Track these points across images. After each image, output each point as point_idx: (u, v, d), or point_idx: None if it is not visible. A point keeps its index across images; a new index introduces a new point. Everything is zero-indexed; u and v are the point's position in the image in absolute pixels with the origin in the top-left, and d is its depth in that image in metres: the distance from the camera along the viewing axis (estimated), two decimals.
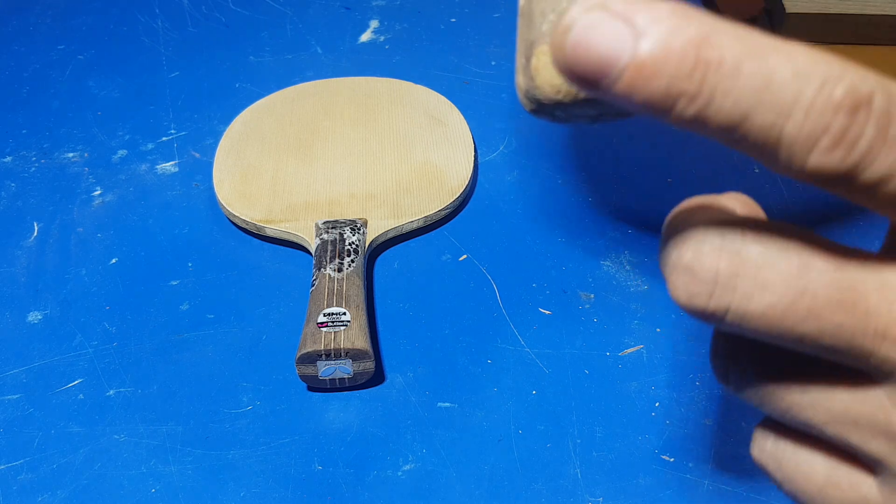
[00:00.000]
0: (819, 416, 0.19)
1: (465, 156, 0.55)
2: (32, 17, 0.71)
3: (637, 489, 0.40)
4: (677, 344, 0.46)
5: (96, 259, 0.51)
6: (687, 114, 0.16)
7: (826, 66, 0.16)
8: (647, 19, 0.16)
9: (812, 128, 0.15)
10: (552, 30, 0.21)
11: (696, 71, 0.15)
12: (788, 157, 0.16)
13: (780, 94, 0.15)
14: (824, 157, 0.16)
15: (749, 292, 0.17)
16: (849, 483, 0.20)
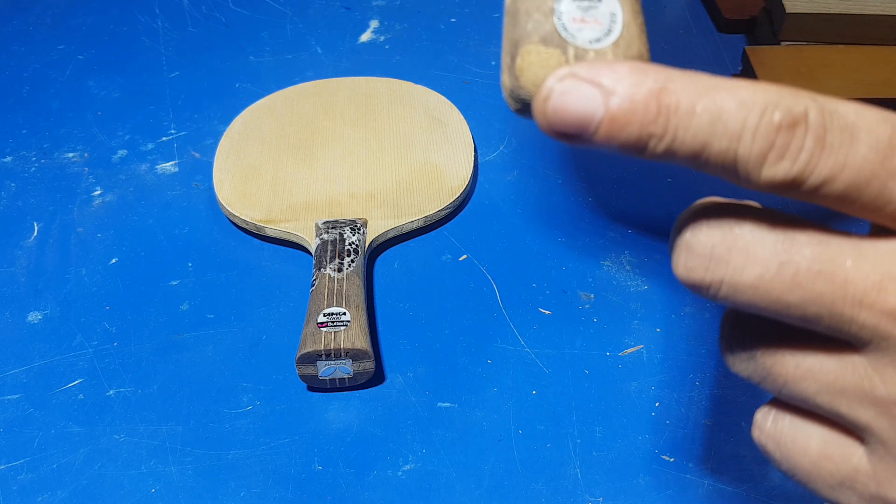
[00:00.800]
0: (811, 387, 0.21)
1: (465, 156, 0.55)
2: (32, 17, 0.71)
3: (637, 489, 0.40)
4: (677, 344, 0.46)
5: (96, 259, 0.51)
6: (658, 150, 0.19)
7: (764, 94, 0.19)
8: (612, 79, 0.19)
9: (759, 147, 0.19)
10: (537, 28, 0.21)
11: (660, 116, 0.19)
12: (745, 173, 0.19)
13: (729, 124, 0.19)
14: (773, 170, 0.19)
15: (740, 265, 0.19)
16: (841, 455, 0.22)
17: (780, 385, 0.21)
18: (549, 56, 0.21)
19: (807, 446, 0.22)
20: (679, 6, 0.71)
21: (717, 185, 0.54)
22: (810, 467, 0.22)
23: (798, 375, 0.21)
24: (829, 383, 0.21)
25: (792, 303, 0.19)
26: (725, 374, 0.44)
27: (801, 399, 0.21)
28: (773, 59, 0.60)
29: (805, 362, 0.21)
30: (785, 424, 0.22)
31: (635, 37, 0.22)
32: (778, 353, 0.21)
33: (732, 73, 0.64)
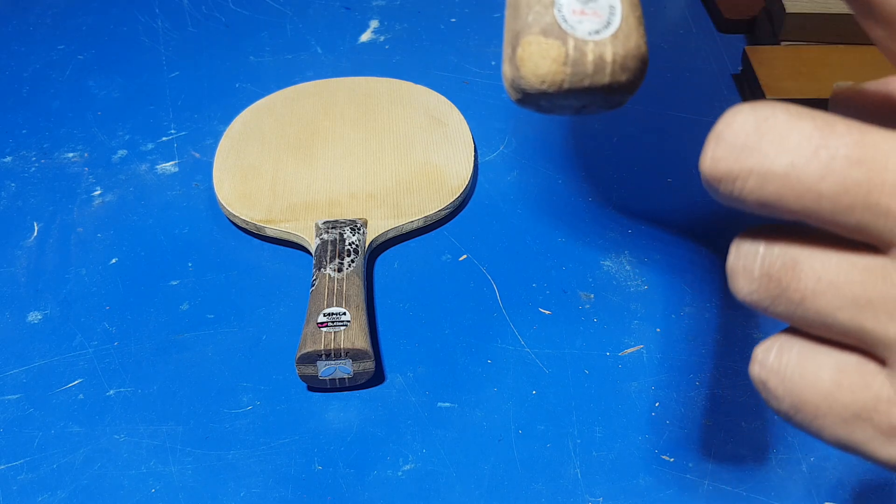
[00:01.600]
0: (833, 302, 0.19)
1: (465, 156, 0.55)
2: (32, 17, 0.71)
3: (637, 489, 0.40)
4: (677, 344, 0.46)
5: (96, 259, 0.51)
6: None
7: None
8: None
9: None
10: (537, 20, 0.22)
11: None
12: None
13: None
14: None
15: (773, 152, 0.18)
16: (859, 382, 0.19)
17: (796, 303, 0.19)
18: (550, 47, 0.22)
19: (818, 377, 0.20)
20: (679, 6, 0.71)
21: None
22: (820, 400, 0.20)
23: (819, 289, 0.19)
24: (854, 295, 0.19)
25: (824, 193, 0.18)
26: (725, 374, 0.44)
27: (820, 318, 0.19)
28: (773, 59, 0.60)
29: (828, 273, 0.19)
30: (792, 355, 0.20)
31: (633, 29, 0.22)
32: (798, 264, 0.19)
33: (732, 73, 0.64)
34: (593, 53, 0.22)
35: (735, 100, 0.61)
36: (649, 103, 0.61)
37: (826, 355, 0.20)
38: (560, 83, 0.22)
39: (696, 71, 0.64)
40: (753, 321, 0.47)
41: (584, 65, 0.22)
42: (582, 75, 0.22)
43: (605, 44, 0.22)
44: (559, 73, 0.22)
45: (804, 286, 0.19)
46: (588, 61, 0.22)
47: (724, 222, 0.53)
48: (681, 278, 0.49)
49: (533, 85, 0.22)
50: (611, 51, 0.22)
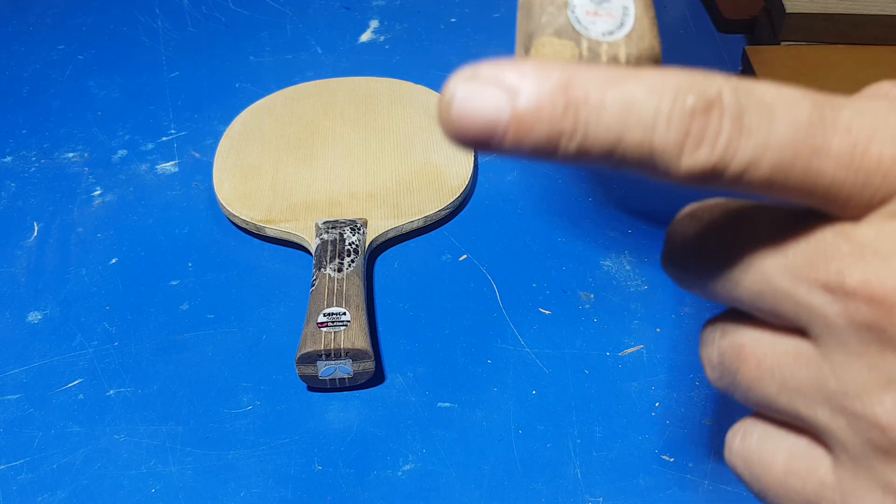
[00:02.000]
0: (771, 387, 0.20)
1: (465, 156, 0.55)
2: (32, 17, 0.71)
3: (637, 489, 0.40)
4: (677, 344, 0.46)
5: (96, 259, 0.51)
6: (570, 149, 0.18)
7: (674, 79, 0.17)
8: (516, 77, 0.17)
9: (675, 134, 0.17)
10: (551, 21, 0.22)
11: (568, 111, 0.17)
12: (665, 165, 0.18)
13: (641, 112, 0.17)
14: (693, 158, 0.17)
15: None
16: (806, 468, 0.20)
17: (745, 388, 0.21)
18: (563, 48, 0.22)
19: (773, 462, 0.21)
20: (679, 6, 0.71)
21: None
22: (777, 485, 0.21)
23: (759, 375, 0.20)
24: (785, 381, 0.20)
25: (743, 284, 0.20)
26: None
27: (766, 402, 0.20)
28: (773, 59, 0.60)
29: (765, 359, 0.20)
30: (753, 440, 0.21)
31: (647, 29, 0.23)
32: (742, 349, 0.21)
33: (732, 73, 0.64)
34: (607, 54, 0.22)
35: None
36: None
37: (782, 440, 0.21)
38: None
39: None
40: None
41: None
42: None
43: (618, 45, 0.22)
44: None
45: (749, 372, 0.20)
46: (602, 62, 0.22)
47: None
48: None
49: None
50: (624, 51, 0.22)
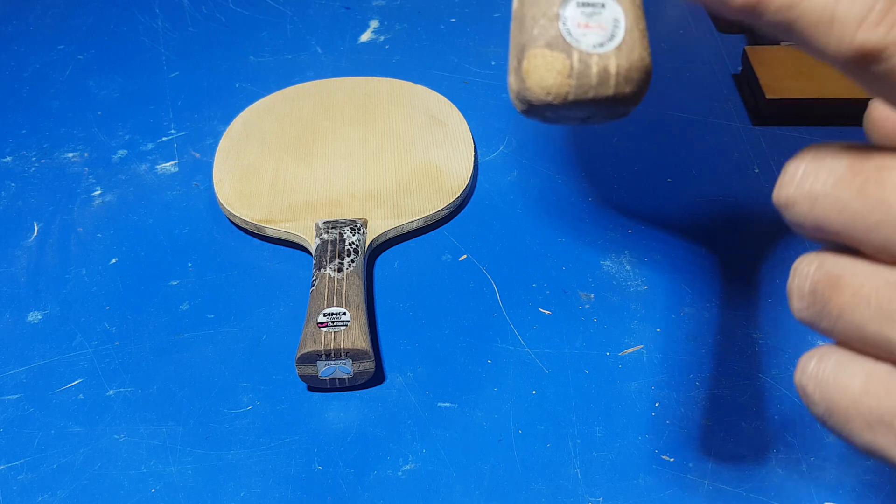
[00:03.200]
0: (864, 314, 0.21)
1: (465, 156, 0.55)
2: (32, 17, 0.71)
3: (637, 489, 0.40)
4: (677, 344, 0.46)
5: (96, 259, 0.51)
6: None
7: None
8: None
9: (860, 7, 0.19)
10: (542, 33, 0.22)
11: None
12: (839, 35, 0.19)
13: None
14: (868, 33, 0.19)
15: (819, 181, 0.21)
16: (884, 389, 0.21)
17: (834, 317, 0.21)
18: (555, 60, 0.22)
19: (849, 383, 0.21)
20: (679, 6, 0.71)
21: (717, 186, 0.55)
22: (849, 404, 0.21)
23: (853, 303, 0.21)
24: (881, 308, 0.20)
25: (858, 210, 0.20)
26: (725, 374, 0.44)
27: (854, 330, 0.21)
28: (773, 59, 0.60)
29: (862, 288, 0.21)
30: (830, 363, 0.22)
31: (637, 41, 0.23)
32: (838, 280, 0.21)
33: (732, 73, 0.64)
34: (598, 66, 0.22)
35: (735, 100, 0.61)
36: (649, 103, 0.61)
37: (860, 365, 0.22)
38: (565, 95, 0.22)
39: (696, 71, 0.64)
40: (753, 321, 0.47)
41: (588, 77, 0.22)
42: (586, 87, 0.22)
43: (609, 56, 0.22)
44: (564, 86, 0.22)
45: (841, 300, 0.21)
46: (592, 73, 0.22)
47: (724, 222, 0.53)
48: (681, 278, 0.49)
49: (538, 97, 0.22)
50: (615, 63, 0.22)
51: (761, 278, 0.49)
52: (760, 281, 0.49)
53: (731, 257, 0.50)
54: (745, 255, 0.50)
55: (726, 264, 0.50)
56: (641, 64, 0.22)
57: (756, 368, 0.44)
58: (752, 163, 0.56)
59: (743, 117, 0.60)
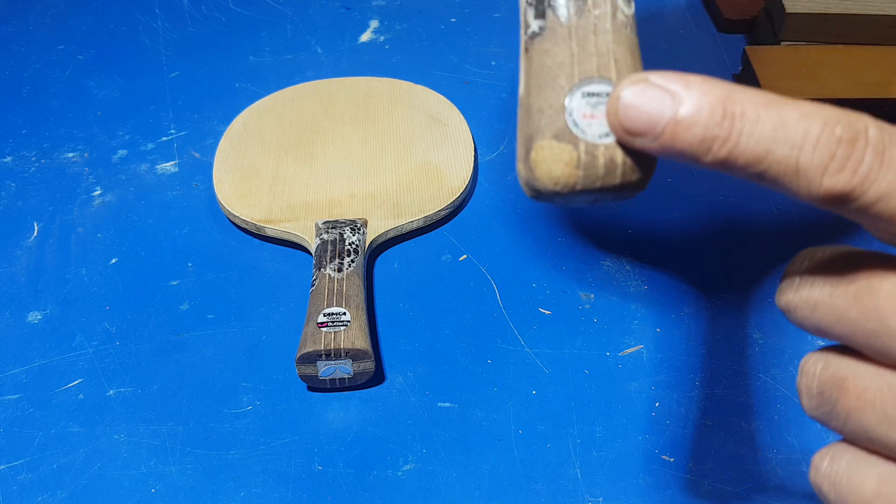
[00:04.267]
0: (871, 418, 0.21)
1: (465, 156, 0.55)
2: (32, 17, 0.71)
3: (637, 489, 0.40)
4: (677, 344, 0.46)
5: (96, 259, 0.51)
6: (720, 154, 0.20)
7: (825, 110, 0.20)
8: (682, 86, 0.21)
9: (821, 156, 0.20)
10: (549, 125, 0.23)
11: (725, 119, 0.20)
12: (807, 182, 0.20)
13: (792, 132, 0.20)
14: (833, 180, 0.20)
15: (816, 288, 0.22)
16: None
17: (843, 418, 0.22)
18: (562, 151, 0.22)
19: (862, 484, 0.22)
20: (679, 6, 0.71)
21: (717, 187, 0.54)
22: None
23: (859, 406, 0.22)
24: (886, 412, 0.21)
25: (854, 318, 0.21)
26: (725, 374, 0.44)
27: (862, 432, 0.22)
28: (773, 59, 0.60)
29: (867, 392, 0.21)
30: (842, 464, 0.23)
31: None
32: (844, 382, 0.22)
33: (732, 73, 0.64)
34: (604, 157, 0.22)
35: None
36: None
37: (872, 466, 0.22)
38: (573, 185, 0.23)
39: (696, 71, 0.64)
40: (753, 321, 0.47)
41: (595, 168, 0.22)
42: (594, 178, 0.23)
43: (614, 147, 0.22)
44: (572, 176, 0.23)
45: (848, 403, 0.22)
46: (599, 164, 0.22)
47: (724, 222, 0.53)
48: (681, 278, 0.49)
49: (547, 186, 0.23)
50: (621, 154, 0.22)
51: (761, 278, 0.49)
52: (760, 281, 0.49)
53: (731, 257, 0.50)
54: (746, 256, 0.50)
55: (726, 264, 0.50)
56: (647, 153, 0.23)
57: (756, 368, 0.44)
58: None
59: None
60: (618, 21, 0.24)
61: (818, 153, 0.19)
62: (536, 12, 0.24)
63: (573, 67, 0.23)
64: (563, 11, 0.24)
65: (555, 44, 0.24)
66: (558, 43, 0.23)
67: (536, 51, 0.24)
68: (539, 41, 0.24)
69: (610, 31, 0.24)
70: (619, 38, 0.24)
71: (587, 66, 0.23)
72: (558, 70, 0.23)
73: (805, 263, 0.22)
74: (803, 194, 0.20)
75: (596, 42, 0.23)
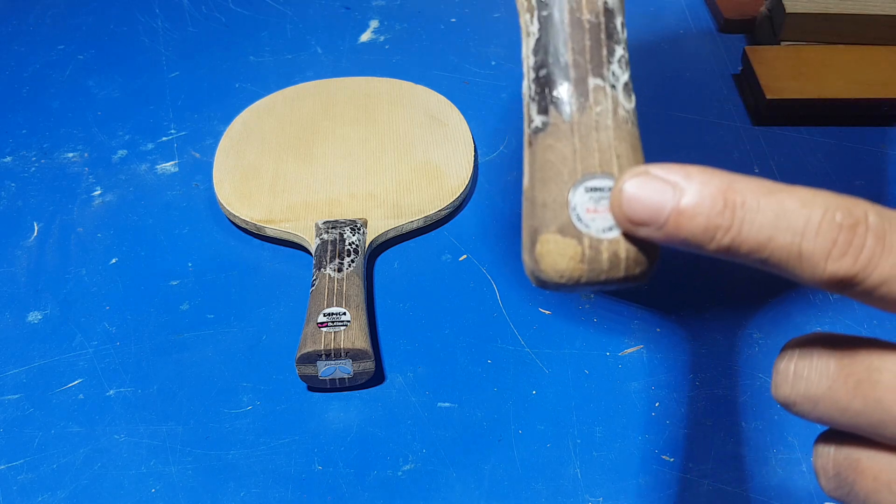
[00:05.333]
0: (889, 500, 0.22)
1: (465, 156, 0.55)
2: (32, 17, 0.71)
3: (637, 489, 0.40)
4: (677, 344, 0.46)
5: (96, 259, 0.51)
6: (724, 242, 0.21)
7: (824, 197, 0.20)
8: (682, 177, 0.21)
9: (823, 242, 0.20)
10: (553, 219, 0.23)
11: (726, 209, 0.20)
12: (810, 268, 0.20)
13: (793, 220, 0.20)
14: (836, 265, 0.20)
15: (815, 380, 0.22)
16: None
17: (862, 499, 0.22)
18: (567, 245, 0.23)
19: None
20: (679, 6, 0.71)
21: None
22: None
23: (876, 488, 0.22)
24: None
25: (858, 410, 0.21)
26: (725, 374, 0.44)
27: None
28: (773, 59, 0.60)
29: (882, 474, 0.22)
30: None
31: None
32: (859, 464, 0.22)
33: (732, 73, 0.64)
34: (608, 251, 0.23)
35: (735, 100, 0.61)
36: (649, 103, 0.61)
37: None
38: (578, 279, 0.23)
39: (696, 71, 0.64)
40: (753, 321, 0.47)
41: (599, 262, 0.23)
42: (598, 271, 0.23)
43: (618, 241, 0.23)
44: (577, 270, 0.23)
45: (865, 485, 0.22)
46: (603, 259, 0.23)
47: None
48: (681, 279, 0.49)
49: (552, 279, 0.23)
50: (624, 248, 0.23)
51: (761, 278, 0.49)
52: (760, 281, 0.49)
53: None
54: None
55: (726, 264, 0.50)
56: (650, 245, 0.23)
57: (756, 368, 0.44)
58: (752, 163, 0.56)
59: (743, 117, 0.60)
60: (619, 117, 0.24)
61: (820, 240, 0.20)
62: (539, 107, 0.25)
63: (576, 163, 0.24)
64: (565, 108, 0.24)
65: (557, 139, 0.24)
66: (561, 139, 0.24)
67: (540, 146, 0.24)
68: (542, 136, 0.24)
69: (611, 126, 0.24)
70: (621, 134, 0.24)
71: (590, 162, 0.24)
72: (561, 165, 0.24)
73: (796, 356, 0.22)
74: (808, 279, 0.20)
75: (598, 138, 0.24)
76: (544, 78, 0.25)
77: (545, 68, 0.25)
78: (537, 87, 0.25)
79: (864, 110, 0.58)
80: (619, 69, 0.25)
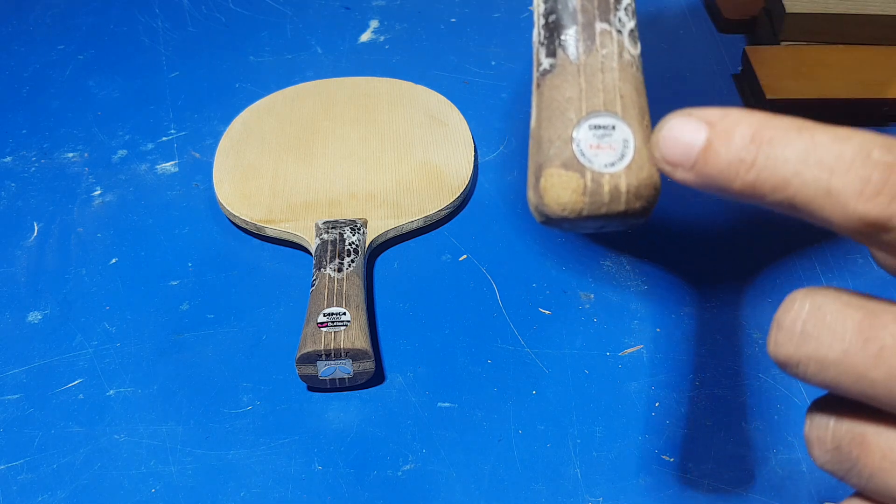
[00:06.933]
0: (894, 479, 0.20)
1: (465, 156, 0.55)
2: (32, 17, 0.71)
3: (637, 489, 0.40)
4: (677, 344, 0.46)
5: (96, 259, 0.51)
6: (748, 178, 0.20)
7: (861, 133, 0.19)
8: (717, 115, 0.21)
9: (855, 179, 0.18)
10: (558, 154, 0.24)
11: (752, 144, 0.20)
12: (840, 207, 0.19)
13: (824, 154, 0.19)
14: (868, 204, 0.18)
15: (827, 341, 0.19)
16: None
17: (866, 477, 0.20)
18: (570, 179, 0.24)
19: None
20: (679, 6, 0.71)
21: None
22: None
23: (885, 467, 0.20)
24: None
25: (877, 379, 0.19)
26: (725, 374, 0.44)
27: (888, 491, 0.20)
28: (773, 59, 0.60)
29: (892, 453, 0.20)
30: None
31: (646, 160, 0.25)
32: (865, 439, 0.20)
33: (732, 73, 0.64)
34: (609, 185, 0.24)
35: (735, 100, 0.61)
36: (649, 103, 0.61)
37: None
38: (579, 211, 0.24)
39: (696, 71, 0.64)
40: (754, 321, 0.47)
41: (600, 195, 0.24)
42: (599, 204, 0.24)
43: (619, 175, 0.24)
44: (578, 202, 0.24)
45: (872, 463, 0.20)
46: (604, 192, 0.24)
47: (724, 222, 0.53)
48: (681, 278, 0.49)
49: (555, 211, 0.24)
50: (625, 181, 0.24)
51: (761, 278, 0.49)
52: (760, 281, 0.49)
53: (731, 257, 0.50)
54: (745, 255, 0.50)
55: (726, 264, 0.50)
56: (650, 181, 0.25)
57: (756, 368, 0.44)
58: None
59: None
60: (624, 60, 0.25)
61: (852, 176, 0.18)
62: (548, 51, 0.26)
63: (581, 102, 0.25)
64: (572, 50, 0.25)
65: (564, 80, 0.25)
66: (567, 79, 0.25)
67: (547, 86, 0.25)
68: (550, 77, 0.25)
69: (616, 69, 0.25)
70: (625, 76, 0.25)
71: (594, 101, 0.25)
72: (567, 104, 0.25)
73: (805, 312, 0.20)
74: (836, 221, 0.19)
75: (603, 79, 0.25)
76: (553, 23, 0.26)
77: (554, 14, 0.26)
78: (546, 31, 0.26)
79: (864, 110, 0.58)
80: (625, 16, 0.26)
